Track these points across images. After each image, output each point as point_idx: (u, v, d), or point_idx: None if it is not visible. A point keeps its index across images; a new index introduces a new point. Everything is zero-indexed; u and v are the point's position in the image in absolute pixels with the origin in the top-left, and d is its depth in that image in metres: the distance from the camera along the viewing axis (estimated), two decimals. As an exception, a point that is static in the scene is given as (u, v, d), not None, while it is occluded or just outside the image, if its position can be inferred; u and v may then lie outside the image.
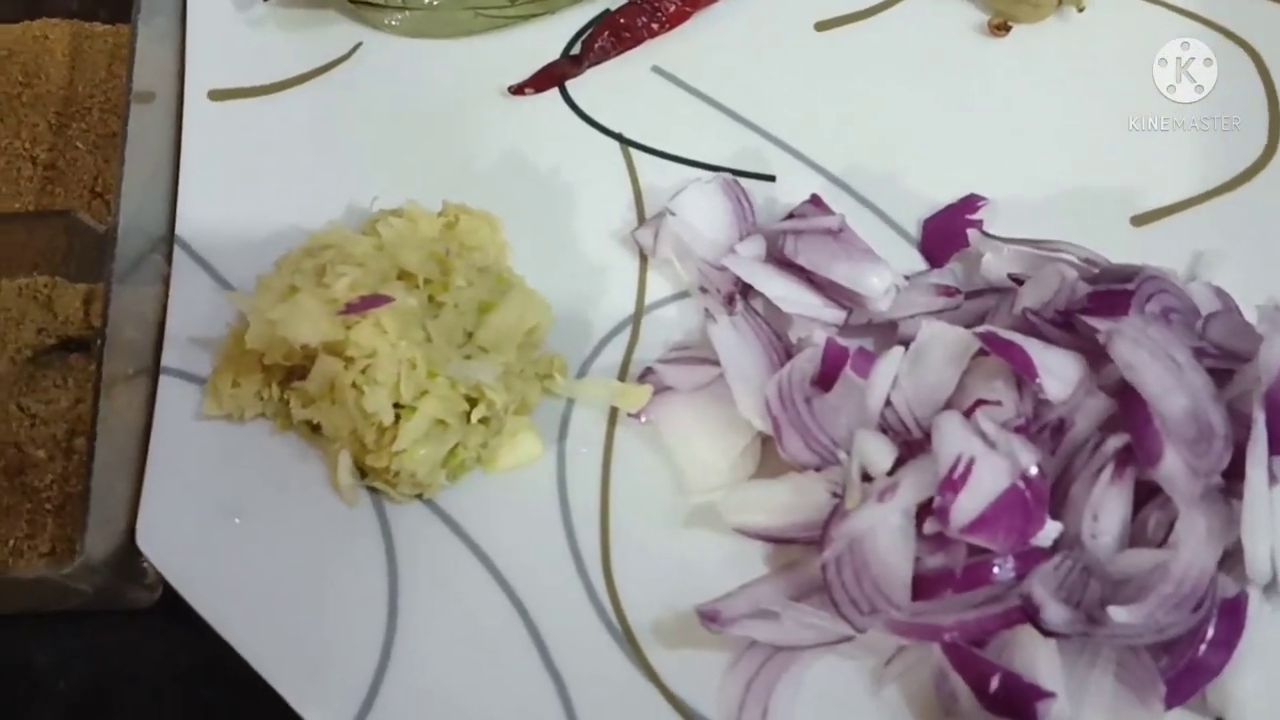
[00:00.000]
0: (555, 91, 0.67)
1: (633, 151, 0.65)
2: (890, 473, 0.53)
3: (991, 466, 0.50)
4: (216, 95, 0.64)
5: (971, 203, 0.63)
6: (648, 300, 0.62)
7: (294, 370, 0.56)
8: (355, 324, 0.53)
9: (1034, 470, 0.50)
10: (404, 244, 0.57)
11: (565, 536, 0.57)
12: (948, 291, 0.59)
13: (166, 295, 0.60)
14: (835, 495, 0.53)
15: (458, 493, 0.58)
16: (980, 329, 0.54)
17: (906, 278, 0.60)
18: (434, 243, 0.57)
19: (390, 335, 0.53)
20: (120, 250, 0.55)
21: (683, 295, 0.62)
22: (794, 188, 0.64)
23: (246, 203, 0.62)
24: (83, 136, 0.65)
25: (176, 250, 0.61)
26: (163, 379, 0.58)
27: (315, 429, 0.57)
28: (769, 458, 0.57)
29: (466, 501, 0.57)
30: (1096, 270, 0.58)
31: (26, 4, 0.69)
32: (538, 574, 0.56)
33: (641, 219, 0.64)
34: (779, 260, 0.60)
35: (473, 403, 0.55)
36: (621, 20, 0.67)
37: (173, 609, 0.55)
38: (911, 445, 0.54)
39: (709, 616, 0.52)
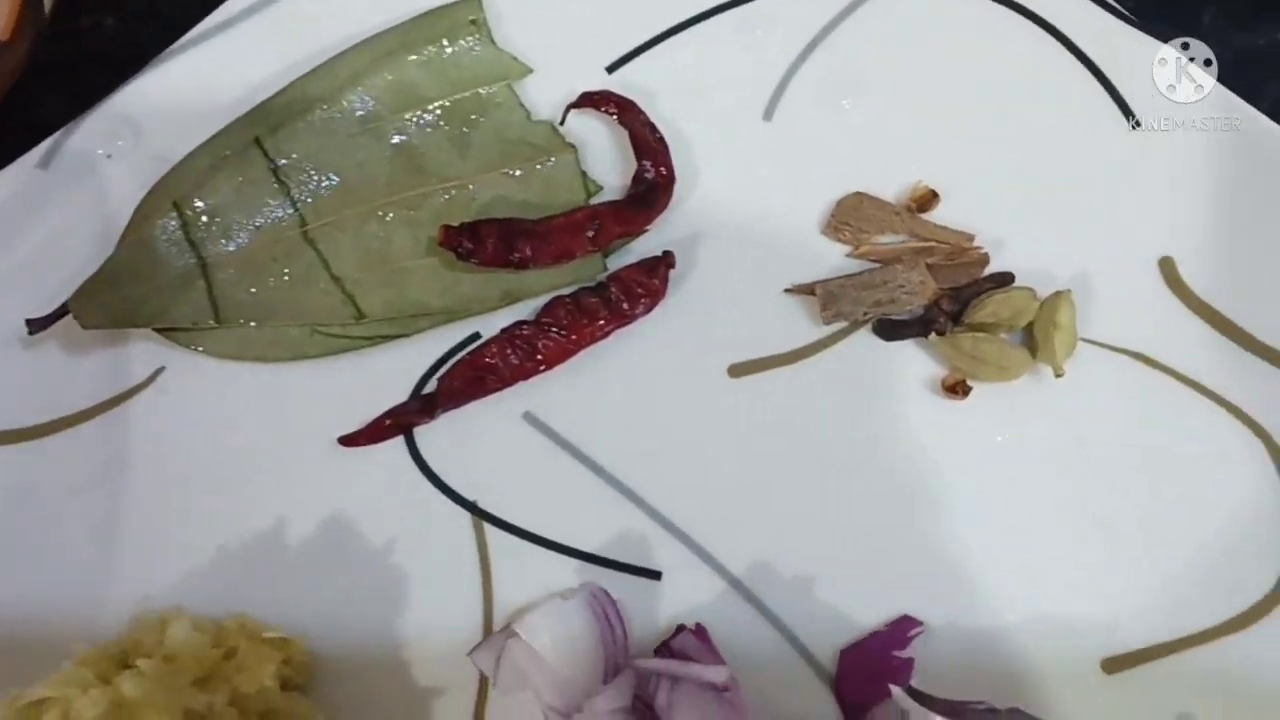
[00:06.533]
0: (401, 440, 0.54)
1: (487, 529, 0.52)
2: None
3: None
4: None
5: (903, 629, 0.50)
6: (486, 739, 0.49)
7: None
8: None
9: None
10: (150, 702, 0.43)
11: None
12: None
13: None
14: None
15: None
16: None
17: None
18: (193, 694, 0.44)
19: None
20: None
21: (535, 733, 0.49)
22: (684, 589, 0.52)
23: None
24: None
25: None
26: None
27: None
28: None
29: None
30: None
31: None
32: None
33: (489, 622, 0.51)
34: (644, 714, 0.47)
35: None
36: (488, 358, 0.54)
37: None
38: None
39: None
